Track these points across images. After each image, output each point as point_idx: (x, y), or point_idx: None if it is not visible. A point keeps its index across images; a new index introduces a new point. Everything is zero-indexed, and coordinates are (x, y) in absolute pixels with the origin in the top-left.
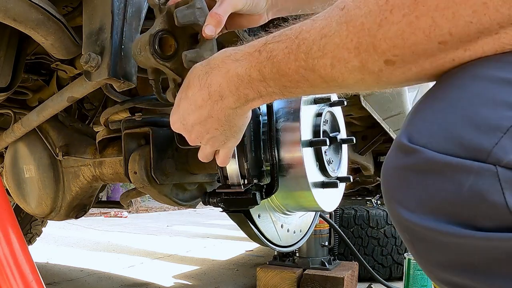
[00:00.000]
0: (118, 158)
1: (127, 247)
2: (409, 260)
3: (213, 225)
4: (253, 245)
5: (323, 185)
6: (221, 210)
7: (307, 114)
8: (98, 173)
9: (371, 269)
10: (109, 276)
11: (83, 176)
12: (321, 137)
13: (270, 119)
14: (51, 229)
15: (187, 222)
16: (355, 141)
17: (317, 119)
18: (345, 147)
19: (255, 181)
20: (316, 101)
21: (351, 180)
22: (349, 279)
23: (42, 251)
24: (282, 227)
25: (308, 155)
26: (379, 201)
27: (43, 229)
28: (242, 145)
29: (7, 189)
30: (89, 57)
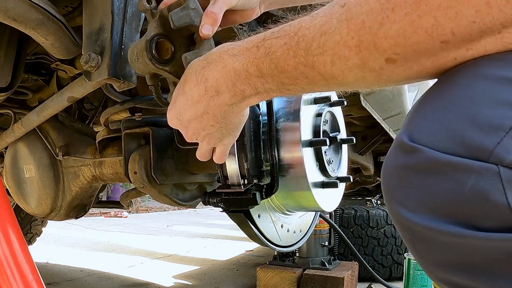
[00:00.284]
0: (118, 158)
1: (127, 247)
2: (409, 260)
3: (213, 225)
4: (253, 245)
5: (323, 185)
6: (221, 210)
7: (307, 114)
8: (98, 173)
9: (371, 269)
10: (109, 276)
11: (83, 176)
12: (321, 137)
13: (270, 119)
14: (51, 229)
15: (187, 222)
16: (355, 141)
17: (317, 119)
18: (345, 147)
19: (255, 181)
20: (316, 101)
21: (351, 180)
22: (349, 279)
23: (42, 251)
24: (282, 227)
25: (308, 155)
26: (379, 201)
27: (43, 229)
28: (242, 145)
29: (7, 189)
30: (89, 57)
